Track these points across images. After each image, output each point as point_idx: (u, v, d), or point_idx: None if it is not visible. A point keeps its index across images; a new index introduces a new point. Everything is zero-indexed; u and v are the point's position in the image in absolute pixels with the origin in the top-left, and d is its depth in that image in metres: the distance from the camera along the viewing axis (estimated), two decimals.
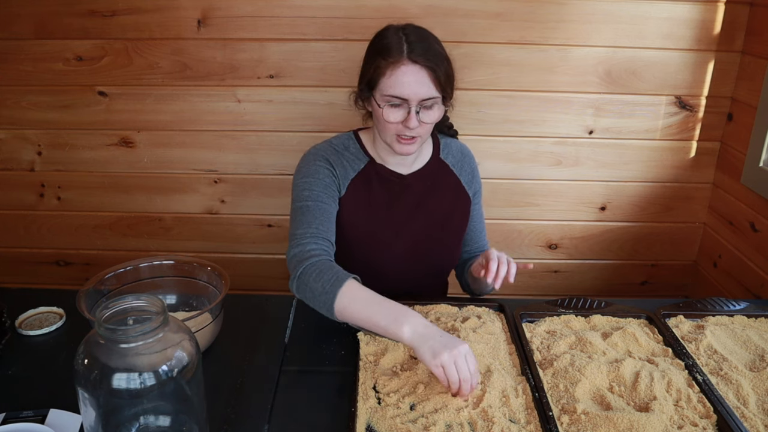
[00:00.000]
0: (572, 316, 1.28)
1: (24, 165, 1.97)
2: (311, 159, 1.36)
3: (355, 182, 1.36)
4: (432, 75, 1.22)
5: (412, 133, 1.26)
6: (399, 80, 1.22)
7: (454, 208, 1.44)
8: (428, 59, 1.21)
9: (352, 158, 1.38)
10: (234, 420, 1.00)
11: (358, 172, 1.37)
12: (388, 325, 1.07)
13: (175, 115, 1.89)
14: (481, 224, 1.52)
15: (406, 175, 1.40)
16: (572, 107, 1.88)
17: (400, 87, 1.22)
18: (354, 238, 1.37)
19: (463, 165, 1.46)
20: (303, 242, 1.24)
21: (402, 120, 1.25)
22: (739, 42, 1.82)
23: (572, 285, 2.13)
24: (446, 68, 1.25)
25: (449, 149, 1.46)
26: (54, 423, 0.95)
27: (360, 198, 1.36)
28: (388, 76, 1.22)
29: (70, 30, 1.79)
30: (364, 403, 1.01)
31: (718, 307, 1.32)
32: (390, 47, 1.23)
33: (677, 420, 0.96)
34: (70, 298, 1.10)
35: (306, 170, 1.34)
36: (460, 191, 1.45)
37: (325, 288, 1.14)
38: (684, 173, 1.98)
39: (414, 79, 1.21)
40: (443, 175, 1.44)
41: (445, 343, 1.01)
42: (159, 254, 1.30)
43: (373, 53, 1.28)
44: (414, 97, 1.22)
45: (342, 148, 1.39)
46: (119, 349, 0.78)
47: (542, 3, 1.76)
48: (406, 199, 1.40)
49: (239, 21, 1.78)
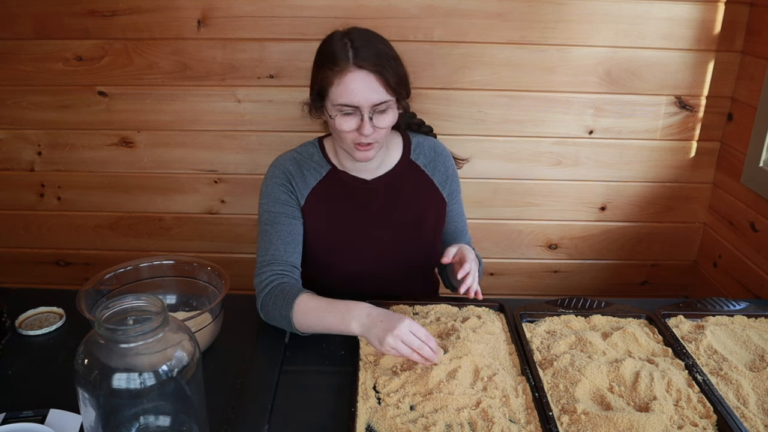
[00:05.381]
0: (572, 316, 1.28)
1: (24, 165, 1.97)
2: (269, 176, 1.36)
3: (315, 191, 1.35)
4: (381, 79, 1.20)
5: (368, 139, 1.24)
6: (348, 88, 1.19)
7: (426, 211, 1.40)
8: (375, 63, 1.19)
9: (314, 166, 1.37)
10: (234, 420, 1.00)
11: (319, 181, 1.36)
12: (339, 326, 1.15)
13: (175, 115, 1.89)
14: (461, 223, 1.48)
15: (370, 180, 1.37)
16: (572, 107, 1.88)
17: (350, 95, 1.20)
18: (321, 246, 1.37)
19: (436, 165, 1.42)
20: (260, 272, 1.28)
21: (356, 128, 1.23)
22: (739, 42, 1.82)
23: (572, 285, 2.13)
24: (396, 69, 1.23)
25: (421, 149, 1.42)
26: (54, 423, 0.95)
27: (322, 206, 1.35)
28: (337, 85, 1.20)
29: (70, 30, 1.79)
30: (364, 403, 1.01)
31: (718, 307, 1.32)
32: (335, 54, 1.21)
33: (677, 420, 0.96)
34: (70, 298, 1.10)
35: (264, 190, 1.36)
36: (433, 193, 1.41)
37: (282, 312, 1.20)
38: (684, 173, 1.98)
39: (363, 85, 1.19)
40: (414, 177, 1.40)
41: (386, 326, 1.07)
42: (159, 254, 1.30)
43: (319, 62, 1.26)
44: (365, 103, 1.20)
45: (305, 156, 1.38)
46: (119, 349, 0.78)
47: (542, 3, 1.76)
48: (372, 205, 1.37)
49: (239, 21, 1.78)
